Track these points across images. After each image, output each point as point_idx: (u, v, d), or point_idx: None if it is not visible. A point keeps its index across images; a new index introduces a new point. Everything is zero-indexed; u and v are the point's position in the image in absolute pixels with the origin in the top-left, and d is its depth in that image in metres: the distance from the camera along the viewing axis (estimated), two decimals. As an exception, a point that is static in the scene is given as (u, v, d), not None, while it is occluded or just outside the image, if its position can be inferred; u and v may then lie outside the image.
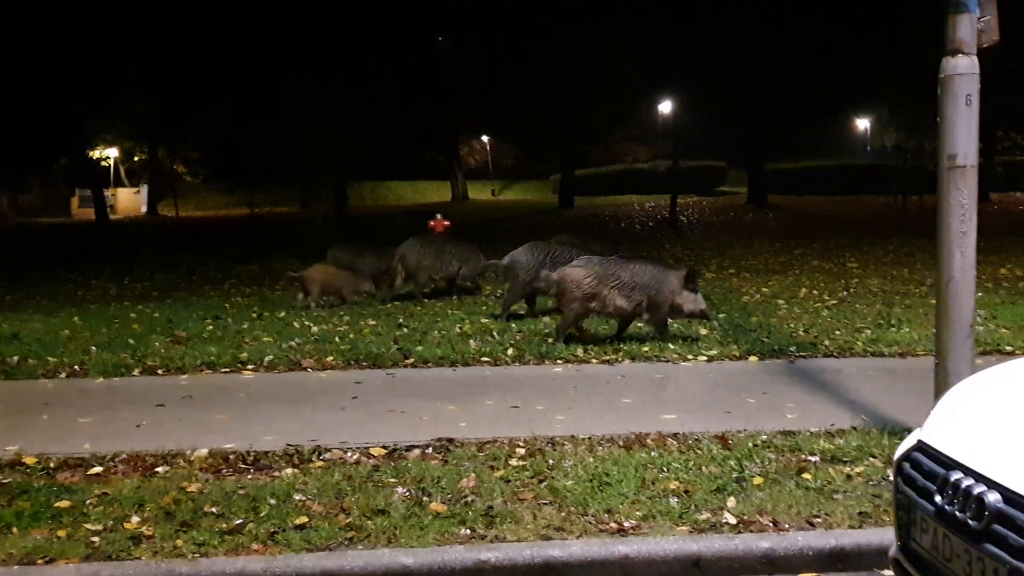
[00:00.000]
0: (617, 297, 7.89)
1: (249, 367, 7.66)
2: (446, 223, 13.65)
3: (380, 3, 32.34)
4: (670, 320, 8.26)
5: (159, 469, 4.94)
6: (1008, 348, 7.71)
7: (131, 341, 8.74)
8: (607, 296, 7.88)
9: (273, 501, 4.39)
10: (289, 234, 21.27)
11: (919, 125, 25.09)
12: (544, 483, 4.61)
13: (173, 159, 45.63)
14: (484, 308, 10.57)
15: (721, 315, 9.59)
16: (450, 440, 5.37)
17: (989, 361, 5.62)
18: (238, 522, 4.16)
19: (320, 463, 5.01)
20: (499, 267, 9.93)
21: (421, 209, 32.45)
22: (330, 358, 7.86)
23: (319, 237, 16.00)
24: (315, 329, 9.32)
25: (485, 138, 56.15)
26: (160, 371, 7.60)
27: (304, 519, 4.19)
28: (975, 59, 4.65)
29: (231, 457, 5.10)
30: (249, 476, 4.83)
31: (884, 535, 3.89)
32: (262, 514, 4.25)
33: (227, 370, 7.62)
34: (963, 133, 4.67)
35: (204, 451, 5.17)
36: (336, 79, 27.26)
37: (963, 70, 4.64)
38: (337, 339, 8.71)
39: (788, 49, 30.54)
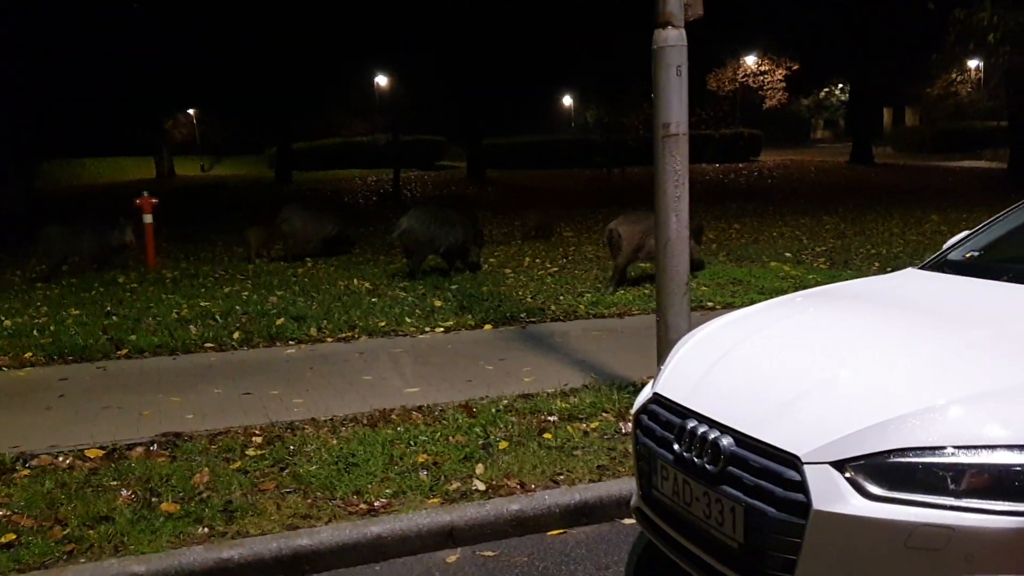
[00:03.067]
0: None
1: (-73, 370, 6.67)
2: (153, 200, 12.60)
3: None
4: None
5: None
6: (710, 304, 8.44)
7: None
8: (650, 246, 8.60)
9: (-31, 521, 3.82)
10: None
11: (617, 102, 26.69)
12: (286, 471, 4.39)
13: None
14: (203, 291, 9.92)
15: (454, 286, 9.70)
16: (177, 434, 4.99)
17: (695, 315, 6.10)
18: (-75, 550, 3.58)
19: (26, 472, 4.44)
20: (401, 232, 10.39)
21: (123, 187, 29.93)
22: (28, 354, 7.03)
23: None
24: (8, 322, 8.29)
25: (192, 111, 52.85)
26: None
27: (11, 536, 3.69)
28: (683, 32, 4.91)
29: (-90, 476, 4.39)
30: (-64, 496, 4.18)
31: (623, 486, 4.09)
32: (-44, 538, 3.69)
33: (-102, 375, 6.59)
34: (675, 102, 4.94)
35: None
36: (20, 48, 24.26)
37: (673, 42, 4.89)
38: (35, 332, 7.80)
39: (497, 27, 31.35)
